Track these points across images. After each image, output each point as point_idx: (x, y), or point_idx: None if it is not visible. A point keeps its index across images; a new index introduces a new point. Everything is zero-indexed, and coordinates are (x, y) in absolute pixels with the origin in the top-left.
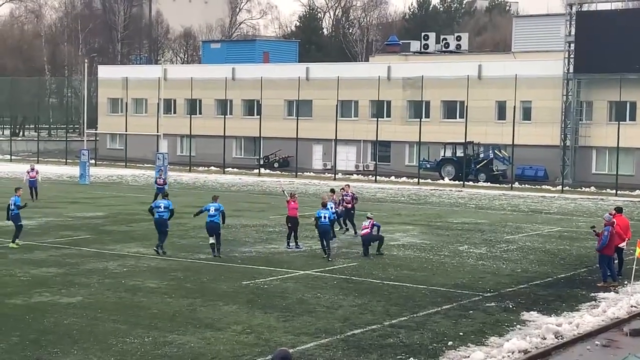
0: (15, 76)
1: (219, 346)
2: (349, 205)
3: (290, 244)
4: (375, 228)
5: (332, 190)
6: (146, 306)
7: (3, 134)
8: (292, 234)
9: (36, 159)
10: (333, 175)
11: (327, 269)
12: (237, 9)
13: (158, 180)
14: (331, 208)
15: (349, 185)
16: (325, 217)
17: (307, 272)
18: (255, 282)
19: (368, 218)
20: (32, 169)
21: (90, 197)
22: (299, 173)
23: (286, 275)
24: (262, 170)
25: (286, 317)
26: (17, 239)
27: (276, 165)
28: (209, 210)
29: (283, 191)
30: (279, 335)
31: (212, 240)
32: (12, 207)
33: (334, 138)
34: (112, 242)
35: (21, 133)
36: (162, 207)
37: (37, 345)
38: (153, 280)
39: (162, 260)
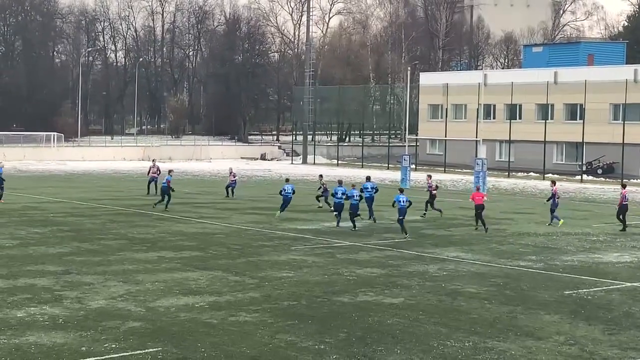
0: (343, 84)
1: (540, 356)
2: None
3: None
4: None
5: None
6: (466, 311)
7: (331, 139)
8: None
9: (361, 164)
10: None
11: None
12: (561, 11)
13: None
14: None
15: (430, 176)
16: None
17: (634, 284)
18: (578, 292)
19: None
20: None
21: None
22: (624, 180)
23: (611, 287)
24: (585, 177)
25: (612, 330)
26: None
27: (600, 171)
28: (285, 189)
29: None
30: (604, 349)
31: (278, 214)
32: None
33: None
34: (432, 245)
35: (347, 139)
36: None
37: (363, 342)
38: (472, 285)
39: (482, 266)
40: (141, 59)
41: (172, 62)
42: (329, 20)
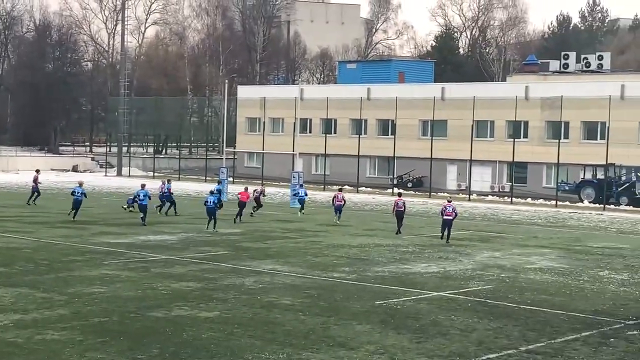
0: (160, 96)
1: None
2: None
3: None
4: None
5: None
6: (281, 323)
7: (147, 151)
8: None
9: (178, 176)
10: (467, 196)
11: (461, 291)
12: (373, 30)
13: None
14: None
15: (168, 181)
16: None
17: (440, 293)
18: (389, 303)
19: (449, 201)
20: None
21: (228, 214)
22: (432, 193)
23: (420, 296)
24: (396, 190)
25: (419, 339)
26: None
27: (409, 185)
28: (76, 191)
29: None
30: (412, 357)
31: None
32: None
33: (469, 158)
34: (249, 258)
35: (164, 151)
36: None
37: (177, 357)
38: (287, 297)
39: (297, 278)
40: None
41: None
42: (144, 30)
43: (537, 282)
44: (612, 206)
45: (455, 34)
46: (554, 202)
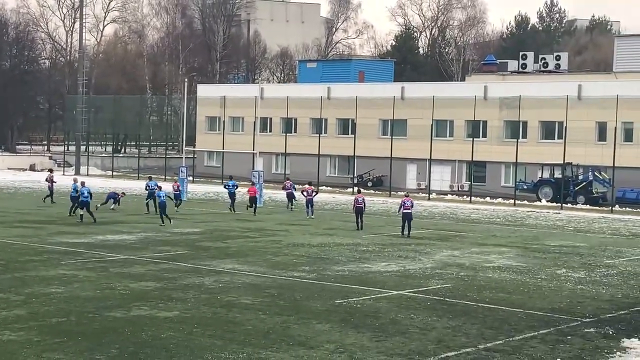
0: (118, 94)
1: None
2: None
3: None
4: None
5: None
6: (240, 322)
7: (105, 150)
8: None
9: (137, 175)
10: (427, 195)
11: (420, 289)
12: (334, 29)
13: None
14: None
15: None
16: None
17: (400, 292)
18: (349, 301)
19: (407, 196)
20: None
21: (187, 214)
22: (392, 192)
23: (379, 295)
24: (356, 189)
25: (379, 337)
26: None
27: (370, 184)
28: (82, 192)
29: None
30: (372, 356)
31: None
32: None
33: (429, 158)
34: (208, 258)
35: (123, 150)
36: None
37: (136, 357)
38: (247, 296)
39: (257, 277)
40: None
41: None
42: (103, 28)
43: (496, 280)
44: (569, 205)
45: (415, 33)
46: (512, 201)
